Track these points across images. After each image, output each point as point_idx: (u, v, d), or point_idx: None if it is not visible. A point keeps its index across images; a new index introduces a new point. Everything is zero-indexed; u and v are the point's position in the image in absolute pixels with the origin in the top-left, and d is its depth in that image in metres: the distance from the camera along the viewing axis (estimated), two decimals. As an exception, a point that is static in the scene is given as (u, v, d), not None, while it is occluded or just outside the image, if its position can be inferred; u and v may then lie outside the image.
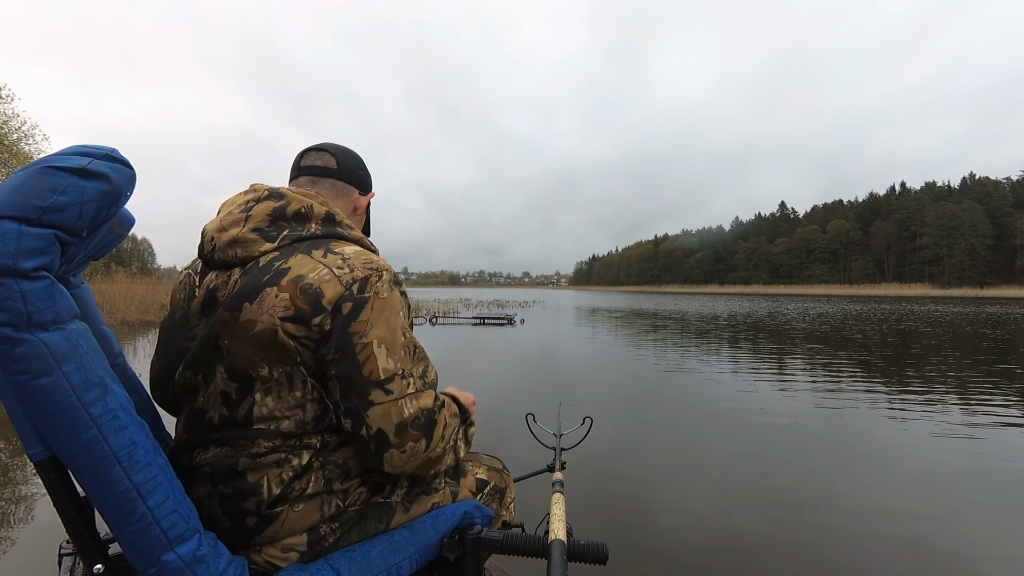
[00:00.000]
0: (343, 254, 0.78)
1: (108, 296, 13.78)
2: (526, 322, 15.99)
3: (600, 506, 2.48)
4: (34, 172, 0.58)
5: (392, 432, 0.74)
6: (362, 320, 0.73)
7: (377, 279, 0.77)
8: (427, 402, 0.78)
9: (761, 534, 2.21)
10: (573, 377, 6.18)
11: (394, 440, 0.74)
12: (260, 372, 0.74)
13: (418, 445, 0.76)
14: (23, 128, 18.67)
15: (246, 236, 0.79)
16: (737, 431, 3.80)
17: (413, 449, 0.76)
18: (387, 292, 0.77)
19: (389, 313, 0.76)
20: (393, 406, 0.74)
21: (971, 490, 2.72)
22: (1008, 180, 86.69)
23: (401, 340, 0.77)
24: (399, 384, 0.75)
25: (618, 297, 52.52)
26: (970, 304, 33.69)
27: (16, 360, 0.56)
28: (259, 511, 0.74)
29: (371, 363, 0.73)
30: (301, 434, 0.76)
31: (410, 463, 0.77)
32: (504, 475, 1.10)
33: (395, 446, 0.74)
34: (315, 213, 0.84)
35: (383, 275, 0.78)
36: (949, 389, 5.43)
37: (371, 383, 0.73)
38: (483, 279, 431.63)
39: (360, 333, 0.73)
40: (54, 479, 0.65)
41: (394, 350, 0.75)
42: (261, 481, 0.74)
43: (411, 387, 0.76)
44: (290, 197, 0.83)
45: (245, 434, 0.74)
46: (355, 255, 0.78)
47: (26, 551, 1.99)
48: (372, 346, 0.73)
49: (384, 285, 0.77)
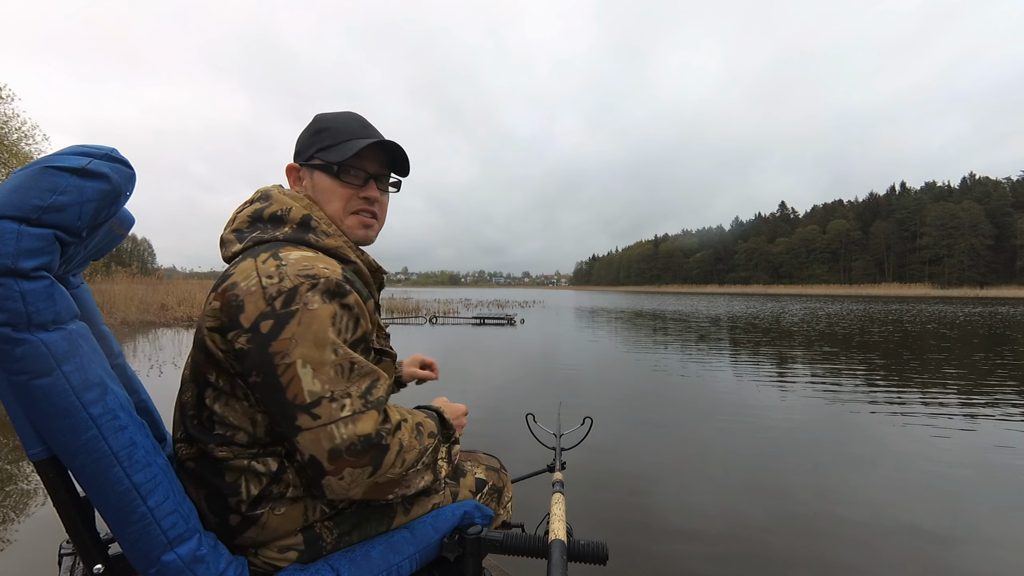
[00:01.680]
0: (283, 260, 0.70)
1: (108, 296, 13.79)
2: (526, 322, 15.99)
3: (600, 506, 2.48)
4: (34, 172, 0.58)
5: (326, 459, 0.66)
6: (285, 338, 0.66)
7: (309, 288, 0.68)
8: (366, 427, 0.68)
9: (762, 535, 2.20)
10: (573, 377, 6.17)
11: (328, 467, 0.66)
12: (210, 377, 0.73)
13: (360, 472, 0.68)
14: (23, 128, 18.69)
15: (227, 237, 0.81)
16: (738, 432, 3.80)
17: (355, 475, 0.68)
18: (318, 303, 0.68)
19: (318, 327, 0.67)
20: (323, 432, 0.66)
21: (980, 491, 2.72)
22: (1008, 180, 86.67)
23: (331, 358, 0.68)
24: (327, 408, 0.66)
25: (618, 297, 52.51)
26: (976, 304, 33.66)
27: (16, 360, 0.56)
28: (240, 511, 0.74)
29: (295, 386, 0.66)
30: (257, 446, 0.74)
31: (354, 489, 0.69)
32: (502, 474, 1.10)
33: (331, 473, 0.67)
34: (291, 216, 0.79)
35: (318, 283, 0.69)
36: (970, 392, 5.43)
37: (296, 407, 0.66)
38: (483, 279, 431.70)
39: (283, 353, 0.66)
40: (54, 479, 0.65)
41: (321, 370, 0.67)
42: (239, 481, 0.74)
43: (345, 410, 0.67)
44: (274, 199, 0.81)
45: (208, 437, 0.74)
46: (295, 262, 0.70)
47: (26, 551, 1.99)
48: (296, 367, 0.66)
49: (316, 296, 0.68)
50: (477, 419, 3.99)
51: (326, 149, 0.83)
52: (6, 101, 18.29)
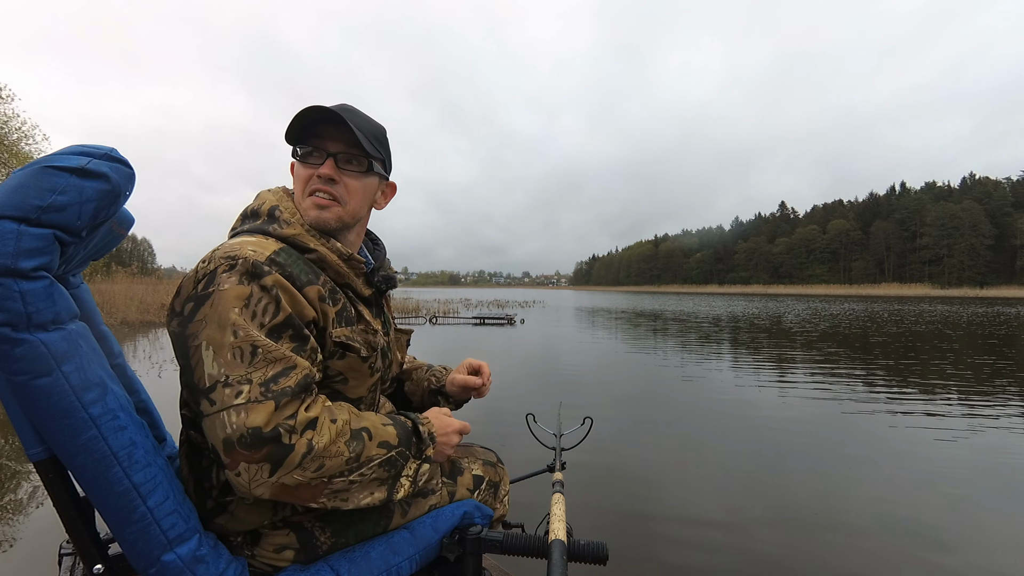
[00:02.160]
0: (220, 246, 0.72)
1: (108, 296, 13.78)
2: (526, 322, 15.98)
3: (600, 506, 2.48)
4: (33, 172, 0.58)
5: (221, 449, 0.62)
6: (198, 320, 0.66)
7: (226, 269, 0.67)
8: (257, 418, 0.62)
9: (762, 535, 2.20)
10: (573, 377, 6.17)
11: (225, 459, 0.63)
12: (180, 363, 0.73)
13: (257, 468, 0.62)
14: (23, 128, 18.69)
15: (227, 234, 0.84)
16: (739, 432, 3.80)
17: (253, 473, 0.62)
18: (228, 284, 0.66)
19: (223, 309, 0.65)
20: (216, 419, 0.63)
21: (985, 491, 2.72)
22: (1008, 180, 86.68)
23: (231, 340, 0.64)
24: (221, 393, 0.63)
25: (618, 297, 52.50)
26: (978, 304, 33.64)
27: (16, 360, 0.56)
28: (213, 496, 0.75)
29: (200, 368, 0.65)
30: None
31: (258, 488, 0.63)
32: (499, 468, 1.09)
33: (228, 466, 0.63)
34: (263, 210, 0.81)
35: (236, 264, 0.67)
36: (980, 394, 5.42)
37: (199, 391, 0.64)
38: (483, 279, 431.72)
39: (194, 335, 0.66)
40: (54, 479, 0.65)
41: (220, 352, 0.64)
42: (212, 467, 0.75)
43: (240, 397, 0.62)
44: (260, 196, 0.85)
45: (188, 423, 0.76)
46: (227, 246, 0.71)
47: (26, 551, 1.98)
48: (201, 349, 0.65)
49: (232, 276, 0.67)
50: (477, 419, 3.98)
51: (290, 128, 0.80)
52: (6, 101, 18.30)
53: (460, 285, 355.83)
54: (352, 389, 0.84)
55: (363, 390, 0.86)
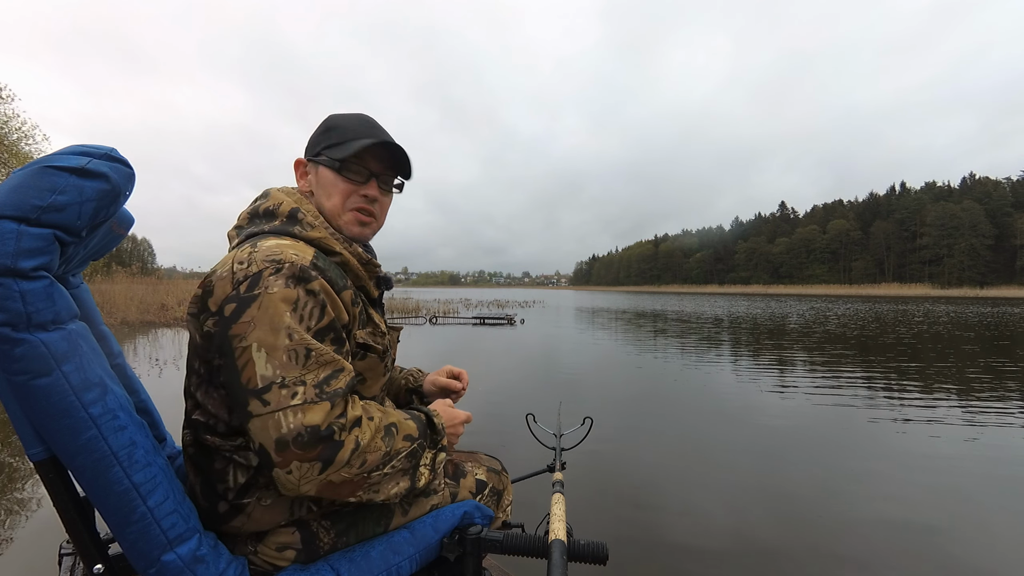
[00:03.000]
0: (258, 247, 0.72)
1: (108, 296, 13.78)
2: (526, 322, 15.98)
3: (600, 506, 2.48)
4: (33, 172, 0.58)
5: (272, 449, 0.64)
6: (244, 321, 0.66)
7: (273, 272, 0.69)
8: (315, 417, 0.65)
9: (763, 535, 2.20)
10: (573, 377, 6.17)
11: (276, 458, 0.64)
12: (194, 364, 0.75)
13: (309, 467, 0.65)
14: (23, 128, 18.69)
15: (230, 234, 0.85)
16: (739, 432, 3.80)
17: (304, 471, 0.65)
18: (279, 288, 0.68)
19: (275, 311, 0.67)
20: (270, 419, 0.64)
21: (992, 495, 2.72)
22: (1008, 180, 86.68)
23: (285, 343, 0.66)
24: (277, 394, 0.65)
25: (618, 297, 52.50)
26: (980, 304, 33.63)
27: (16, 360, 0.56)
28: (228, 499, 0.75)
29: (249, 369, 0.66)
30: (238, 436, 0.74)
31: (306, 486, 0.66)
32: (503, 477, 1.10)
33: (278, 465, 0.64)
34: (281, 210, 0.82)
35: (282, 268, 0.69)
36: (988, 394, 5.42)
37: (249, 392, 0.65)
38: (483, 279, 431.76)
39: (241, 336, 0.66)
40: (54, 479, 0.65)
41: (274, 354, 0.66)
42: (228, 469, 0.75)
43: (296, 398, 0.65)
44: (270, 196, 0.85)
45: (198, 424, 0.76)
46: (267, 248, 0.72)
47: (26, 551, 1.98)
48: (251, 350, 0.66)
49: (279, 280, 0.68)
50: (477, 419, 3.97)
51: (332, 147, 0.84)
52: (6, 101, 18.31)
53: (460, 285, 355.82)
54: (368, 388, 0.87)
55: (376, 389, 0.89)
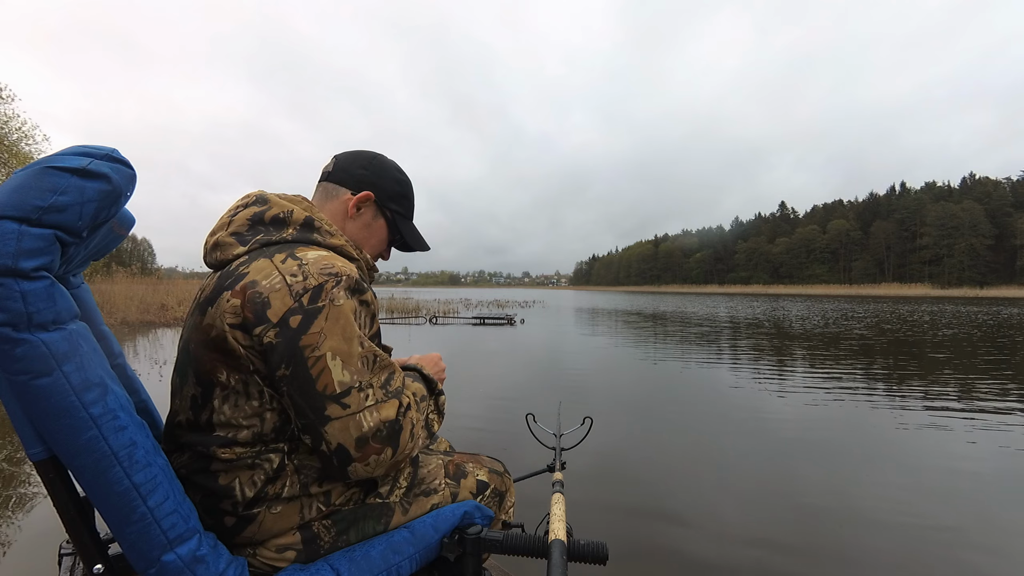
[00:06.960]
0: (302, 260, 0.74)
1: (108, 296, 13.77)
2: (526, 322, 15.98)
3: (600, 506, 2.48)
4: (34, 172, 0.58)
5: (353, 447, 0.71)
6: (314, 332, 0.70)
7: (334, 285, 0.73)
8: (389, 413, 0.74)
9: (764, 535, 2.20)
10: (573, 377, 6.17)
11: (356, 455, 0.71)
12: (219, 378, 0.74)
13: (383, 455, 0.74)
14: (23, 128, 18.68)
15: (224, 240, 0.81)
16: (740, 432, 3.80)
17: (378, 460, 0.73)
18: (343, 299, 0.73)
19: (344, 322, 0.72)
20: (351, 420, 0.71)
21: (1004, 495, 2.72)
22: (1008, 180, 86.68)
23: (358, 350, 0.73)
24: (356, 397, 0.71)
25: (618, 297, 52.50)
26: (981, 304, 33.62)
27: (16, 360, 0.56)
28: (236, 512, 0.75)
29: (326, 376, 0.70)
30: (260, 443, 0.75)
31: (377, 470, 0.75)
32: (505, 478, 1.10)
33: (358, 460, 0.72)
34: (294, 218, 0.82)
35: (341, 280, 0.74)
36: (996, 396, 5.42)
37: (327, 398, 0.70)
38: (483, 279, 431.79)
39: (312, 346, 0.70)
40: (54, 479, 0.65)
41: (350, 361, 0.72)
42: (234, 484, 0.75)
43: (370, 399, 0.73)
44: (273, 202, 0.84)
45: (207, 440, 0.75)
46: (315, 261, 0.75)
47: (26, 551, 1.98)
48: (326, 359, 0.70)
49: (340, 292, 0.73)
50: (477, 419, 3.99)
51: (402, 216, 1.00)
52: (6, 101, 18.30)
53: (460, 285, 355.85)
54: None
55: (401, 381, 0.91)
